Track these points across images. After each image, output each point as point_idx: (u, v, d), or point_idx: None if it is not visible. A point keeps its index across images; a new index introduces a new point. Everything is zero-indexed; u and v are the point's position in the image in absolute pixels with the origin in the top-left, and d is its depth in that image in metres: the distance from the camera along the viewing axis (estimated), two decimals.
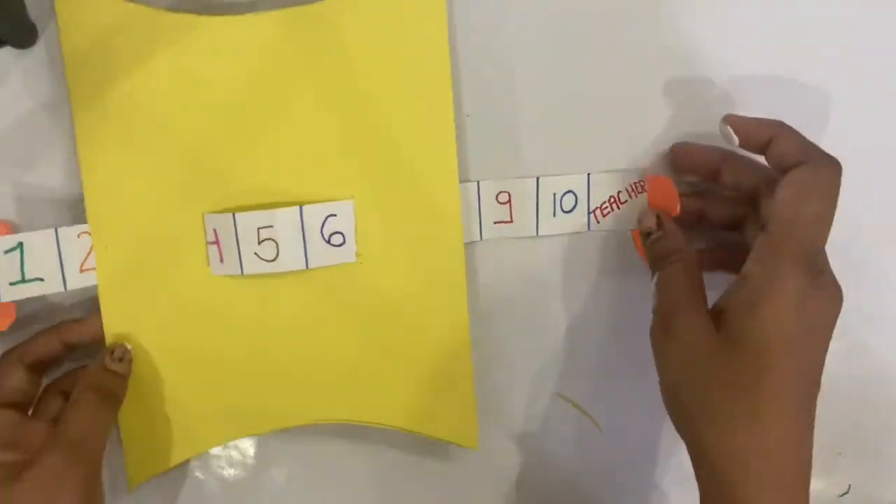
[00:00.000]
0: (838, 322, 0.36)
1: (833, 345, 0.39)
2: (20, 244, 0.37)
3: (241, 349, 0.39)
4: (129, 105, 0.37)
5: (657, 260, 0.37)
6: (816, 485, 0.42)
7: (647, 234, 0.38)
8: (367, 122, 0.38)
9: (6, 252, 0.37)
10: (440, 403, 0.40)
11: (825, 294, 0.33)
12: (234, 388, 0.39)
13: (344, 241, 0.38)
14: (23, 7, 0.36)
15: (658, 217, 0.38)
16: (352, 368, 0.40)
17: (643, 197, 0.41)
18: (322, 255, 0.38)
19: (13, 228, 0.37)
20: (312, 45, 0.38)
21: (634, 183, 0.41)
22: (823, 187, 0.32)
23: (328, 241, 0.38)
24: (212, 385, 0.39)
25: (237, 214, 0.37)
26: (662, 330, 0.35)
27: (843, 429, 0.44)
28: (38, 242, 0.37)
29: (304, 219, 0.37)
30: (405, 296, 0.40)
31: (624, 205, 0.41)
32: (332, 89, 0.38)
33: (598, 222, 0.41)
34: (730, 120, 0.36)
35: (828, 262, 0.34)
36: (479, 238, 0.41)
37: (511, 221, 0.41)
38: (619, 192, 0.41)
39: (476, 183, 0.40)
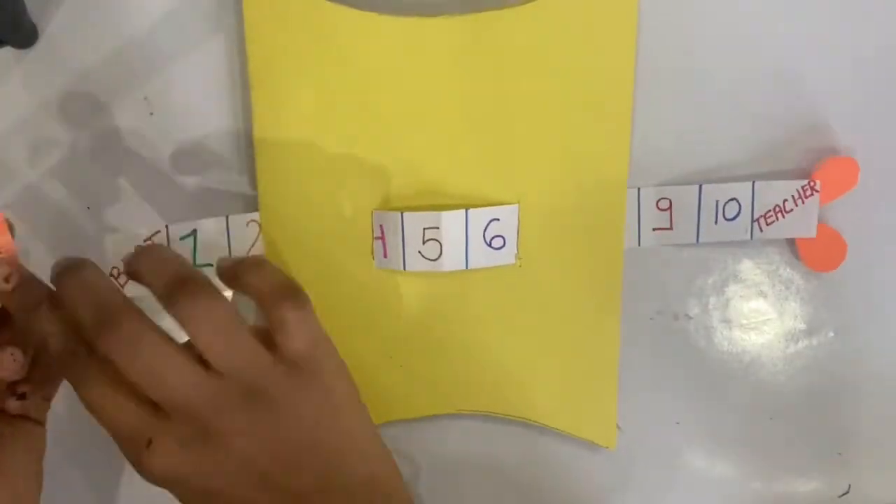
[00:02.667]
0: (839, 322, 0.40)
1: (834, 345, 0.42)
2: (194, 231, 0.37)
3: (396, 339, 0.40)
4: (306, 100, 0.37)
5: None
6: (816, 485, 0.43)
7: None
8: (542, 127, 0.39)
9: (181, 238, 0.37)
10: (583, 403, 0.41)
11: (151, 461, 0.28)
12: (387, 376, 0.40)
13: (504, 244, 0.39)
14: (23, 7, 0.35)
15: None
16: (501, 363, 0.40)
17: (811, 202, 0.40)
18: (482, 257, 0.39)
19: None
20: (492, 50, 0.38)
21: (801, 188, 0.40)
22: None
23: (489, 244, 0.39)
24: (365, 371, 0.39)
25: (405, 214, 0.38)
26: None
27: (843, 429, 0.44)
28: (210, 229, 0.38)
29: (469, 222, 0.38)
30: (560, 298, 0.40)
31: (790, 213, 0.41)
32: (509, 94, 0.38)
33: (762, 231, 0.41)
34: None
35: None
36: (637, 244, 0.40)
37: (671, 228, 0.40)
38: (784, 201, 0.40)
39: (637, 190, 0.40)
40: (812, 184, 0.40)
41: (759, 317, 0.43)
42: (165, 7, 0.38)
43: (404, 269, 0.38)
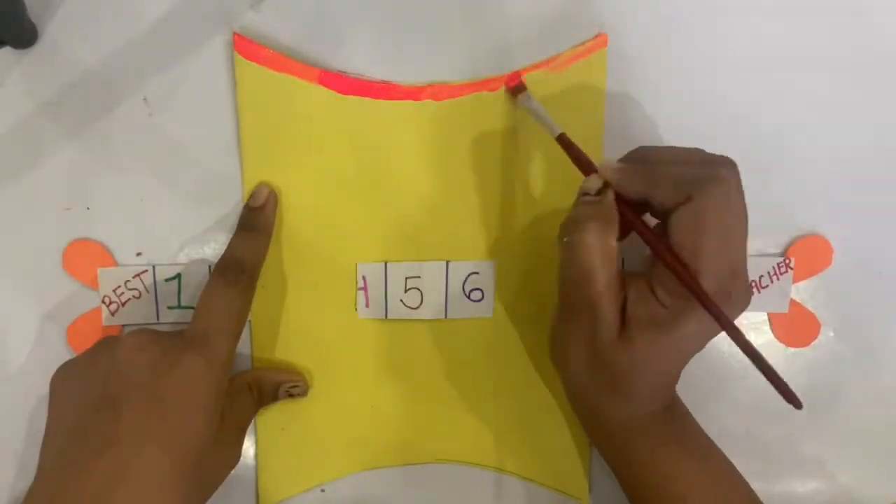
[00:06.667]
0: (839, 324, 0.41)
1: (836, 346, 0.42)
2: (178, 275, 0.39)
3: (376, 387, 0.41)
4: (295, 162, 0.39)
5: (574, 223, 0.33)
6: (816, 485, 0.43)
7: (583, 193, 0.34)
8: (518, 191, 0.40)
9: (167, 280, 0.39)
10: (554, 455, 0.42)
11: (729, 313, 0.32)
12: (366, 424, 0.41)
13: (482, 298, 0.40)
14: (23, 7, 0.35)
15: (605, 185, 0.34)
16: (475, 414, 0.41)
17: (786, 279, 0.41)
18: (461, 308, 0.40)
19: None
20: (471, 125, 0.39)
21: (777, 265, 0.41)
22: (715, 218, 0.32)
23: (468, 296, 0.40)
24: (346, 419, 0.41)
25: (389, 264, 0.39)
26: (570, 312, 0.35)
27: (843, 429, 0.44)
28: (194, 275, 0.39)
29: (449, 273, 0.39)
30: (533, 352, 0.41)
31: (765, 289, 0.42)
32: (488, 161, 0.40)
33: None
34: (603, 173, 0.34)
35: (741, 276, 0.33)
36: None
37: None
38: (760, 277, 0.42)
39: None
40: (787, 261, 0.42)
41: (759, 317, 0.43)
42: (165, 7, 0.38)
43: (386, 316, 0.40)
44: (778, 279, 0.42)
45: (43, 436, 0.34)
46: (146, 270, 0.39)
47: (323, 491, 0.41)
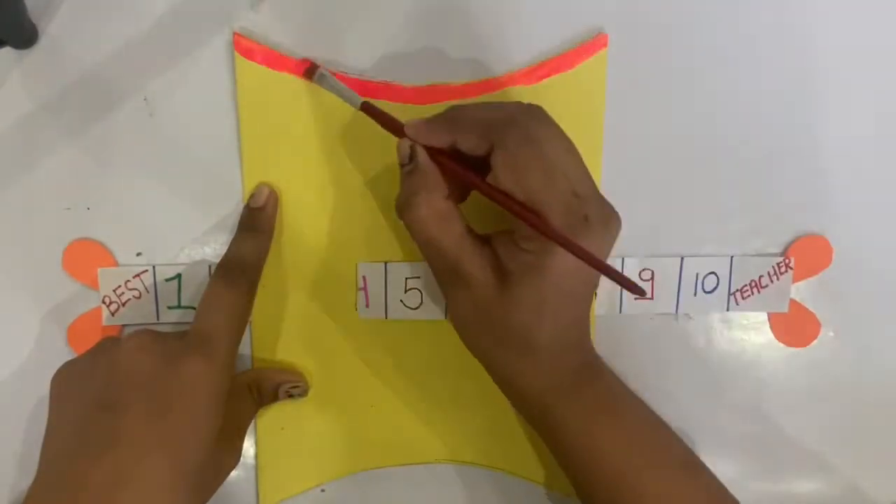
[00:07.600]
0: (839, 324, 0.40)
1: (836, 346, 0.42)
2: (178, 275, 0.39)
3: (376, 387, 0.41)
4: (295, 163, 0.39)
5: (402, 200, 0.34)
6: (816, 485, 0.43)
7: (401, 165, 0.35)
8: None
9: (167, 280, 0.39)
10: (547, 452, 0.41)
11: (594, 235, 0.32)
12: (366, 424, 0.41)
13: None
14: (23, 7, 0.35)
15: (412, 149, 0.34)
16: (475, 414, 0.41)
17: (786, 279, 0.41)
18: None
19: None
20: None
21: (776, 264, 0.41)
22: (526, 156, 0.32)
23: None
24: (346, 419, 0.41)
25: (389, 264, 0.39)
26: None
27: (843, 429, 0.44)
28: (194, 275, 0.39)
29: None
30: None
31: (765, 289, 0.42)
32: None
33: (738, 304, 0.42)
34: (408, 131, 0.34)
35: (592, 198, 0.33)
36: (618, 312, 0.41)
37: (652, 298, 0.41)
38: (760, 277, 0.42)
39: (621, 259, 0.41)
40: (787, 261, 0.42)
41: (758, 317, 0.43)
42: (165, 7, 0.38)
43: (386, 317, 0.40)
44: (778, 279, 0.42)
45: (43, 436, 0.34)
46: (146, 270, 0.39)
47: (323, 491, 0.41)
